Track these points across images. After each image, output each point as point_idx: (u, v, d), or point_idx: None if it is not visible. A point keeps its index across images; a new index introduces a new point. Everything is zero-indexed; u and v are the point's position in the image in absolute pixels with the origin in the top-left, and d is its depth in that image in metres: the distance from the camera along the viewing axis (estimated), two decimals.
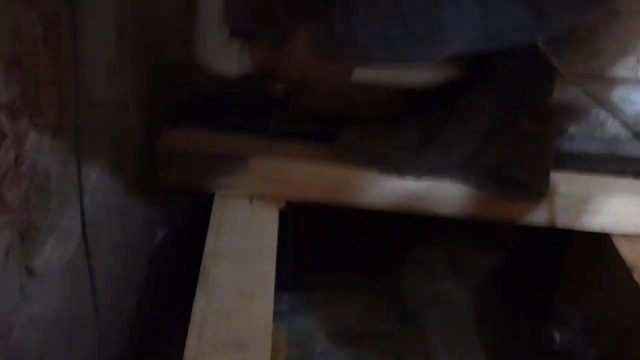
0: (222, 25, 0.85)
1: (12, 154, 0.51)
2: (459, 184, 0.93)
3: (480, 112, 0.89)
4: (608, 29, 0.89)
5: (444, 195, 0.94)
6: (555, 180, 0.94)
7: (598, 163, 1.02)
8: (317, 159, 0.94)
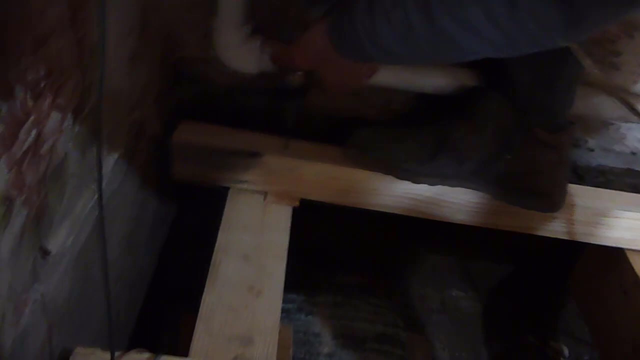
0: (243, 22, 0.86)
1: (34, 134, 0.51)
2: (473, 191, 0.93)
3: (496, 119, 0.89)
4: (630, 43, 0.88)
5: (458, 202, 0.94)
6: (571, 193, 0.94)
7: (615, 177, 1.01)
8: (331, 160, 0.94)
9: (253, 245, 0.86)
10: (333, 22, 0.68)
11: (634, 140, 0.99)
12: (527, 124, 0.87)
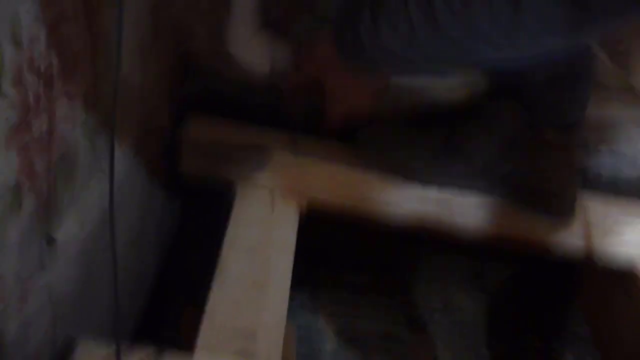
0: (254, 17, 0.86)
1: (44, 119, 0.51)
2: (482, 198, 0.91)
3: (504, 121, 0.88)
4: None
5: (466, 207, 0.93)
6: (582, 203, 0.93)
7: (626, 184, 1.00)
8: (339, 159, 0.94)
9: (261, 241, 0.85)
10: (337, 29, 0.67)
11: None
12: (536, 124, 0.86)
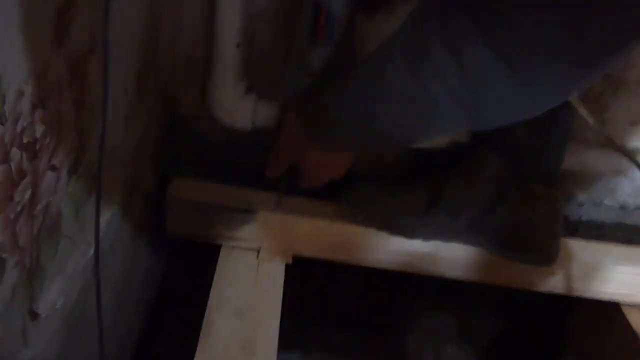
0: (237, 80, 0.87)
1: (28, 194, 0.51)
2: (468, 247, 0.92)
3: (488, 174, 0.89)
4: (616, 99, 0.91)
5: (453, 257, 0.94)
6: (566, 247, 0.94)
7: (606, 231, 1.02)
8: (324, 215, 0.94)
9: (246, 303, 0.84)
10: (305, 113, 0.70)
11: (623, 195, 1.00)
12: (522, 178, 0.88)
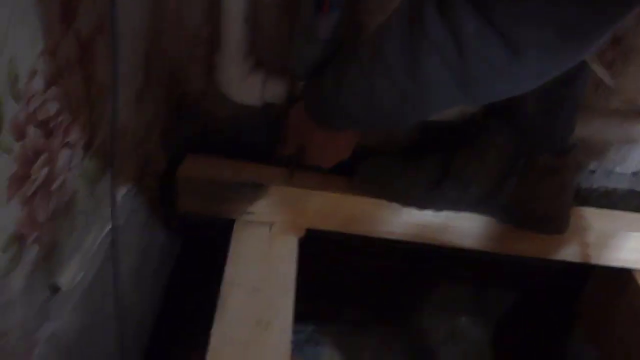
0: (245, 56, 0.87)
1: (45, 171, 0.52)
2: (480, 216, 0.93)
3: (499, 145, 0.89)
4: (627, 66, 0.90)
5: (465, 227, 0.94)
6: (578, 215, 0.94)
7: (618, 199, 1.01)
8: (335, 189, 0.94)
9: (261, 278, 0.85)
10: (307, 92, 0.71)
11: (635, 162, 0.99)
12: (531, 149, 0.87)
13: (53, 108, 0.52)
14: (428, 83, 0.53)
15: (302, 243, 0.93)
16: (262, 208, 0.93)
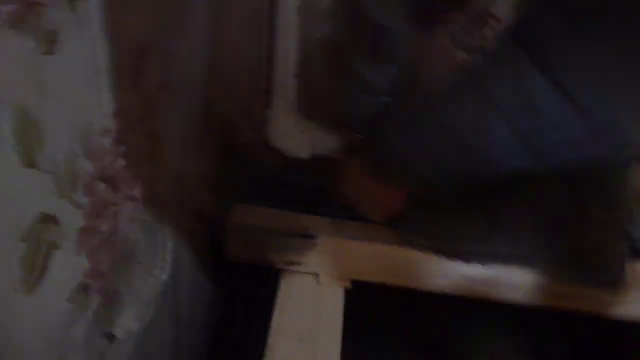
0: (297, 109, 0.90)
1: (110, 224, 0.54)
2: (530, 270, 0.91)
3: (551, 197, 0.88)
4: None
5: (514, 281, 0.92)
6: (632, 270, 0.91)
7: None
8: (382, 240, 0.94)
9: (307, 327, 0.86)
10: (366, 147, 0.71)
11: None
12: (583, 202, 0.86)
13: (119, 164, 0.54)
14: (497, 149, 0.53)
15: (348, 293, 0.93)
16: (309, 258, 0.94)
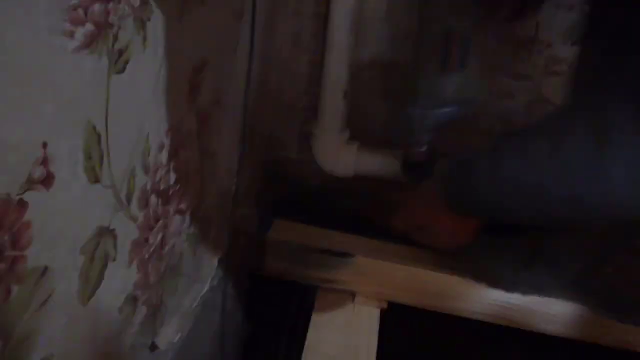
0: (342, 128, 0.91)
1: (160, 236, 0.55)
2: (569, 302, 0.90)
3: (593, 229, 0.87)
4: None
5: (552, 312, 0.91)
6: None
7: None
8: (422, 264, 0.94)
9: (342, 346, 0.86)
10: (450, 179, 0.66)
11: None
12: (627, 235, 0.84)
13: (172, 178, 0.56)
14: (609, 190, 0.51)
15: (383, 314, 0.93)
16: (346, 277, 0.94)
